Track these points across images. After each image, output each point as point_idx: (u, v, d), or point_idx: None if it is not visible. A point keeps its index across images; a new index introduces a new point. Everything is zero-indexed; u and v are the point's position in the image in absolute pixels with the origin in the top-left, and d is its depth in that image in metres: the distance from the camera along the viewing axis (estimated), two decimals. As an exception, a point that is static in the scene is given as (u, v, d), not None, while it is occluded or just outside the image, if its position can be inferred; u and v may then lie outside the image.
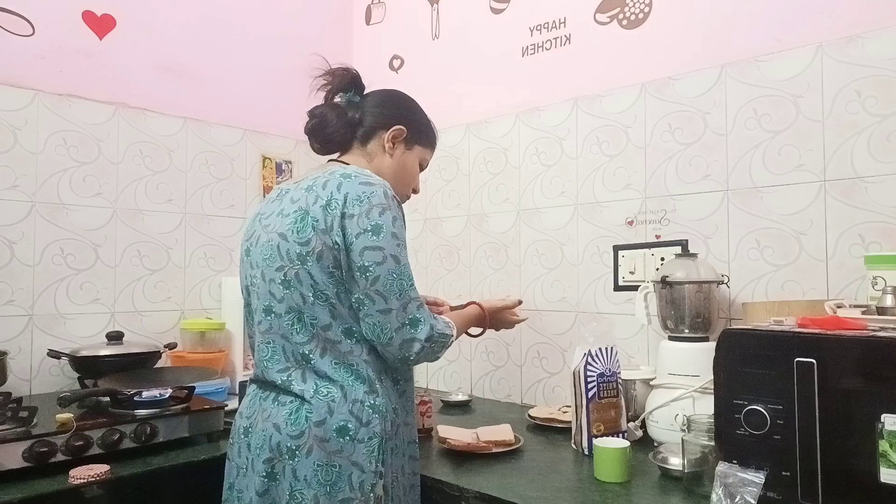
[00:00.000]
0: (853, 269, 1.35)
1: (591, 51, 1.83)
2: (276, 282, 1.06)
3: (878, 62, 1.34)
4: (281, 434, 1.03)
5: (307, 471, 1.01)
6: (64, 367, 1.75)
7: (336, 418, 1.02)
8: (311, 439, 1.01)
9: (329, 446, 1.01)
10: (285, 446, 1.02)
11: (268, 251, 1.08)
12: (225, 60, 2.18)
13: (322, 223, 1.03)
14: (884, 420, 0.84)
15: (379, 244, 1.03)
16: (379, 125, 1.23)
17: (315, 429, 1.02)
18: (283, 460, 1.02)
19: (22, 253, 1.73)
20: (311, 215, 1.05)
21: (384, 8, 2.46)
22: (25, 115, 1.75)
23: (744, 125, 1.52)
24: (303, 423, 1.02)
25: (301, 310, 1.05)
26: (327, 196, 1.05)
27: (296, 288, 1.04)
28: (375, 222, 1.03)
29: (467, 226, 2.12)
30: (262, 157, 2.27)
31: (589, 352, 1.37)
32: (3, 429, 1.21)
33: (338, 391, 1.04)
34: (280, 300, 1.06)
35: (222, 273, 2.13)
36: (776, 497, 0.93)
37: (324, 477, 1.00)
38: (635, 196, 1.70)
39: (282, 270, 1.06)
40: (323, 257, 1.03)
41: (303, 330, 1.05)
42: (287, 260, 1.05)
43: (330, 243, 1.03)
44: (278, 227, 1.08)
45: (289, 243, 1.05)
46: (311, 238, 1.03)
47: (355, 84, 1.25)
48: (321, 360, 1.05)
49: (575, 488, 1.16)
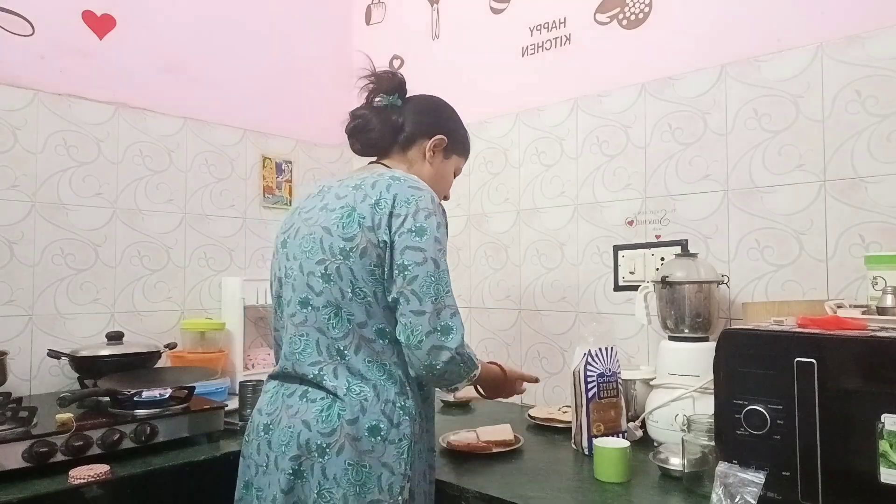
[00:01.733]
0: (853, 269, 1.35)
1: (591, 51, 1.83)
2: (315, 274, 1.07)
3: (878, 62, 1.34)
4: (311, 431, 1.02)
5: (337, 469, 1.00)
6: (64, 367, 1.74)
7: (368, 417, 1.02)
8: (343, 437, 1.00)
9: (360, 445, 1.01)
10: (315, 444, 1.01)
11: (309, 243, 1.09)
12: (225, 60, 2.18)
13: (369, 220, 1.04)
14: (884, 420, 0.84)
15: (421, 245, 1.03)
16: (421, 133, 1.24)
17: (347, 427, 1.01)
18: (311, 458, 1.01)
19: (22, 253, 1.73)
20: (359, 212, 1.05)
21: (384, 8, 2.46)
22: (25, 115, 1.75)
23: (744, 125, 1.52)
24: (335, 420, 1.01)
25: (339, 304, 1.05)
26: (376, 195, 1.06)
27: (335, 282, 1.05)
28: (420, 224, 1.04)
29: (467, 226, 2.12)
30: (262, 157, 2.27)
31: (589, 352, 1.37)
32: (3, 429, 1.21)
33: (370, 390, 1.03)
34: (319, 293, 1.06)
35: (222, 273, 2.13)
36: (776, 497, 0.93)
37: (354, 476, 0.99)
38: (635, 196, 1.70)
39: (323, 264, 1.06)
40: (366, 254, 1.03)
41: (339, 325, 1.05)
42: (329, 254, 1.05)
43: (375, 241, 1.03)
44: (322, 220, 1.09)
45: (332, 237, 1.06)
46: (357, 234, 1.04)
47: (400, 88, 1.25)
48: (355, 357, 1.05)
49: (575, 488, 1.16)
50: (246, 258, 2.21)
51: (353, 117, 1.24)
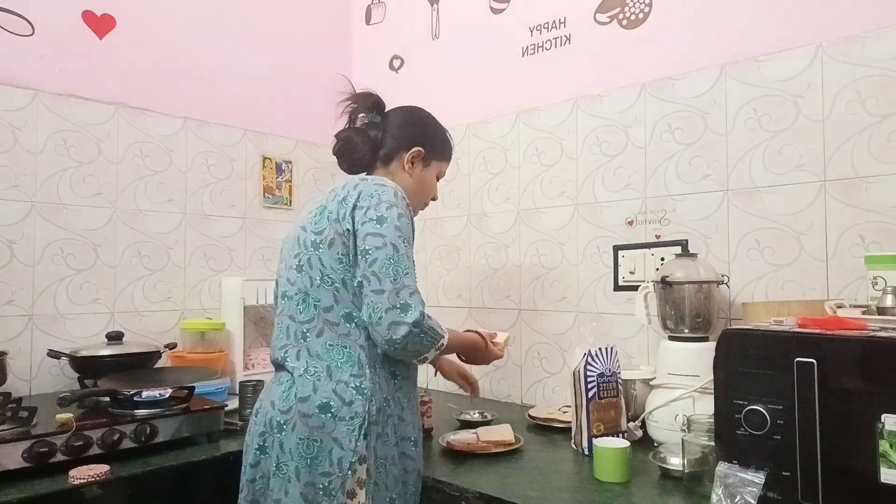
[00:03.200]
0: (853, 269, 1.35)
1: (591, 51, 1.83)
2: (292, 268, 1.19)
3: (878, 62, 1.34)
4: (274, 410, 1.13)
5: (291, 444, 1.09)
6: (64, 367, 1.74)
7: (319, 395, 1.10)
8: (296, 414, 1.10)
9: (311, 421, 1.08)
10: (276, 421, 1.12)
11: (290, 243, 1.23)
12: (225, 60, 2.18)
13: (335, 214, 1.15)
14: (884, 420, 0.84)
15: (381, 232, 1.11)
16: (399, 146, 1.32)
17: (299, 404, 1.10)
18: (273, 434, 1.12)
19: (22, 253, 1.73)
20: (328, 209, 1.17)
21: (384, 8, 2.46)
22: (25, 115, 1.75)
23: (744, 125, 1.52)
24: (291, 399, 1.11)
25: (308, 291, 1.15)
26: (344, 193, 1.17)
27: (306, 272, 1.16)
28: (381, 214, 1.12)
29: (467, 226, 2.12)
30: (262, 157, 2.27)
31: (589, 352, 1.37)
32: (3, 429, 1.21)
33: (324, 370, 1.12)
34: (293, 283, 1.18)
35: (222, 273, 2.13)
36: (776, 497, 0.93)
37: (305, 450, 1.07)
38: (635, 196, 1.70)
39: (298, 257, 1.18)
40: (334, 244, 1.13)
41: (306, 310, 1.15)
42: (303, 247, 1.18)
43: (341, 231, 1.13)
44: (301, 221, 1.23)
45: (306, 233, 1.18)
46: (325, 228, 1.15)
47: (377, 106, 1.34)
48: (316, 340, 1.14)
49: (575, 488, 1.16)
50: (246, 258, 2.21)
51: (337, 139, 1.33)
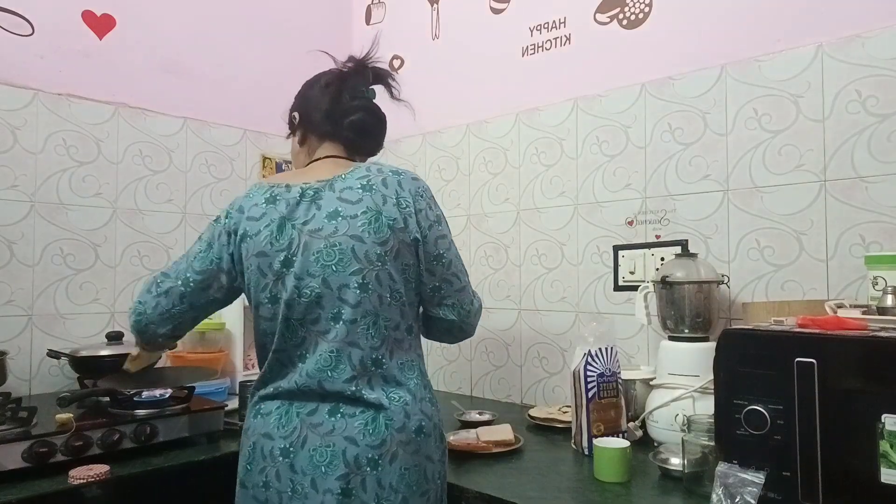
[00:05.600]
0: (853, 269, 1.35)
1: (591, 51, 1.83)
2: (350, 287, 1.02)
3: (878, 62, 1.34)
4: (358, 447, 0.99)
5: (393, 477, 1.00)
6: (64, 367, 1.74)
7: (413, 420, 1.04)
8: (396, 445, 1.01)
9: (410, 448, 1.03)
10: (365, 458, 0.99)
11: (333, 256, 1.02)
12: (225, 60, 2.18)
13: (400, 222, 1.05)
14: (884, 420, 0.84)
15: (444, 232, 1.11)
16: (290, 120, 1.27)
17: (398, 435, 1.02)
18: (362, 473, 0.99)
19: (22, 253, 1.73)
20: (385, 215, 1.04)
21: (384, 8, 2.46)
22: (25, 115, 1.75)
23: (744, 125, 1.52)
24: (383, 431, 1.01)
25: (377, 312, 1.04)
26: (394, 195, 1.07)
27: (374, 290, 1.03)
28: (437, 213, 1.12)
29: (467, 226, 2.12)
30: (262, 157, 2.27)
31: (589, 352, 1.37)
32: (3, 429, 1.21)
33: (407, 394, 1.05)
34: (355, 305, 1.02)
35: (222, 273, 2.13)
36: (776, 497, 0.93)
37: (410, 478, 1.02)
38: (635, 196, 1.70)
39: (360, 273, 1.02)
40: (400, 256, 1.05)
41: (377, 334, 1.04)
42: (366, 262, 1.02)
43: (408, 240, 1.06)
44: (344, 229, 1.03)
45: (366, 245, 1.02)
46: (389, 237, 1.04)
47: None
48: (390, 363, 1.05)
49: (575, 488, 1.16)
50: (246, 258, 2.20)
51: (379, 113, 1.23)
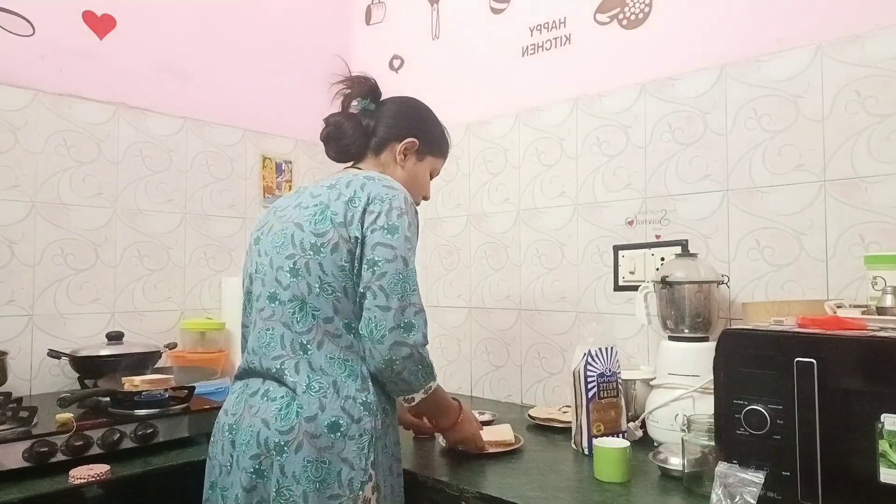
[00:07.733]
0: (853, 269, 1.35)
1: (591, 51, 1.83)
2: (284, 269, 1.09)
3: (878, 62, 1.34)
4: (269, 430, 1.02)
5: (296, 467, 1.00)
6: (64, 367, 1.74)
7: (328, 414, 1.02)
8: (302, 435, 1.01)
9: (319, 442, 1.01)
10: (273, 442, 1.02)
11: (280, 239, 1.11)
12: (225, 60, 2.18)
13: (341, 217, 1.07)
14: (884, 420, 0.84)
15: (392, 243, 1.05)
16: (392, 137, 1.26)
17: (306, 424, 1.01)
18: (270, 456, 1.02)
19: (22, 253, 1.73)
20: (331, 209, 1.08)
21: (384, 8, 2.46)
22: (25, 115, 1.75)
23: (744, 125, 1.52)
24: (293, 418, 1.02)
25: (305, 299, 1.06)
26: (350, 193, 1.09)
27: (303, 277, 1.07)
28: (393, 223, 1.06)
29: (467, 226, 2.12)
30: (262, 157, 2.27)
31: (589, 352, 1.37)
32: (3, 429, 1.21)
33: (330, 386, 1.04)
34: (286, 287, 1.08)
35: (222, 273, 2.13)
36: (776, 497, 0.93)
37: (313, 473, 1.00)
38: (635, 196, 1.70)
39: (292, 259, 1.08)
40: (337, 249, 1.06)
41: (304, 319, 1.07)
42: (299, 249, 1.08)
43: (347, 236, 1.06)
44: (294, 217, 1.11)
45: (304, 233, 1.08)
46: (329, 230, 1.06)
47: (373, 92, 1.28)
48: (318, 352, 1.06)
49: (575, 488, 1.16)
50: (246, 258, 2.21)
51: (326, 124, 1.27)
